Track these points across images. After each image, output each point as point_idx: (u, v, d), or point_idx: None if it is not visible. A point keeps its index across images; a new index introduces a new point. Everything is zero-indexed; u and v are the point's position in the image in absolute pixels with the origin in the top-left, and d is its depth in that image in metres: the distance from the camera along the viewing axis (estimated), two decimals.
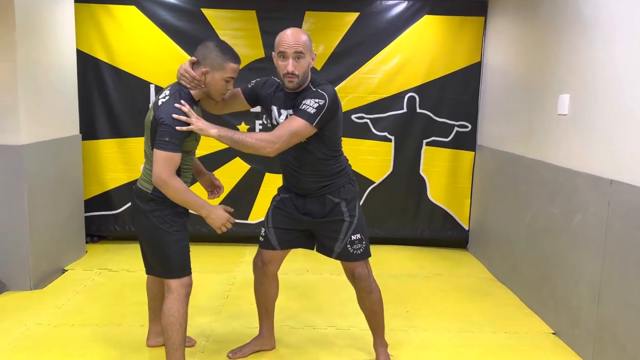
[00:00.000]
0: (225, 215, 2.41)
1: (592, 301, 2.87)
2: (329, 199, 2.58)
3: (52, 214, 3.91)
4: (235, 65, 2.41)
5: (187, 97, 2.41)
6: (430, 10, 4.59)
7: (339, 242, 2.60)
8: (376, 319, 2.77)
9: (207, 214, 2.38)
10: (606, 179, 2.77)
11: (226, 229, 2.43)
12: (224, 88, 2.44)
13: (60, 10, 4.00)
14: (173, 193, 2.32)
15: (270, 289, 2.83)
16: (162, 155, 2.29)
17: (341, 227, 2.58)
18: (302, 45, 2.37)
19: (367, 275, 2.68)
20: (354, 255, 2.62)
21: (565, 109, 3.21)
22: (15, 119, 3.49)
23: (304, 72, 2.42)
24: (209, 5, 4.53)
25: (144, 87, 4.55)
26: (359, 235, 2.60)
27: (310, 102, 2.35)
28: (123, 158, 4.66)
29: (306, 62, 2.41)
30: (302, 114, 2.35)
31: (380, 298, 2.75)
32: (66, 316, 3.30)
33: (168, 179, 2.30)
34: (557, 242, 3.26)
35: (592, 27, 2.97)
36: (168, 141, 2.29)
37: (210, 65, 2.38)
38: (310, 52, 2.42)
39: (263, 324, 2.91)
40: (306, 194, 2.60)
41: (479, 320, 3.43)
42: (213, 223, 2.40)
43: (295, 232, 2.69)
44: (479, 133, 4.74)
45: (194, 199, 2.36)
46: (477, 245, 4.72)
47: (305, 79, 2.46)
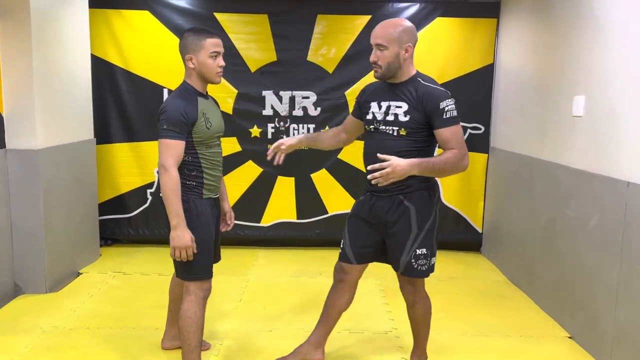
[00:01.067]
0: (189, 242, 2.34)
1: (610, 304, 2.83)
2: (398, 199, 2.49)
3: (67, 217, 3.95)
4: (212, 39, 2.41)
5: (191, 90, 2.44)
6: (443, 12, 4.58)
7: (404, 255, 2.51)
8: (420, 330, 2.72)
9: (176, 226, 2.32)
10: (623, 181, 2.73)
11: (179, 255, 2.34)
12: (215, 65, 2.43)
13: (75, 16, 4.05)
14: (166, 183, 2.30)
15: (342, 297, 2.73)
16: (163, 143, 2.32)
17: (407, 238, 2.49)
18: (383, 38, 2.41)
19: (418, 291, 2.63)
20: (417, 271, 2.52)
21: (581, 110, 3.17)
22: (31, 124, 3.53)
23: (388, 62, 2.42)
24: (222, 9, 4.55)
25: (157, 91, 4.58)
26: (424, 250, 2.50)
27: (448, 107, 2.38)
28: (137, 162, 4.69)
29: (391, 53, 2.41)
30: (452, 121, 2.39)
31: (428, 311, 2.69)
32: (81, 319, 3.33)
33: (169, 167, 2.31)
34: (574, 245, 3.23)
35: (606, 28, 2.94)
36: (166, 129, 2.31)
37: (192, 50, 2.40)
38: (398, 44, 2.40)
39: (317, 330, 2.80)
40: (381, 190, 2.51)
41: (494, 324, 3.40)
42: (173, 240, 2.34)
43: (369, 245, 2.62)
44: (492, 135, 4.71)
45: (177, 203, 2.32)
46: (491, 248, 4.68)
47: (395, 69, 2.44)
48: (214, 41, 2.42)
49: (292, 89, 4.66)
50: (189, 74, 2.46)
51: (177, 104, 2.36)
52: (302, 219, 4.85)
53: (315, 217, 4.84)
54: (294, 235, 4.86)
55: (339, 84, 4.66)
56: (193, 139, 2.40)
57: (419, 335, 2.74)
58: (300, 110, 4.68)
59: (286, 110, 4.68)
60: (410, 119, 2.43)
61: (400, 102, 2.46)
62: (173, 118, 2.32)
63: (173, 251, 2.36)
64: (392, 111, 2.48)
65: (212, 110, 2.51)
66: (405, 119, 2.44)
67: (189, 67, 2.43)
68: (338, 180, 4.79)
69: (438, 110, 2.37)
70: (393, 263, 2.60)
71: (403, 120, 2.44)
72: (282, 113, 4.68)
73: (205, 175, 2.46)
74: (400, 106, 2.46)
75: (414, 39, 2.47)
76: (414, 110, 2.42)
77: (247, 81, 4.63)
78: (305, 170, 4.78)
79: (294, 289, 3.92)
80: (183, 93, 2.43)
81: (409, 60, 2.46)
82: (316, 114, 4.69)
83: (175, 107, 2.34)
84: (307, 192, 4.79)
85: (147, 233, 4.79)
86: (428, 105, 2.39)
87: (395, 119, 2.46)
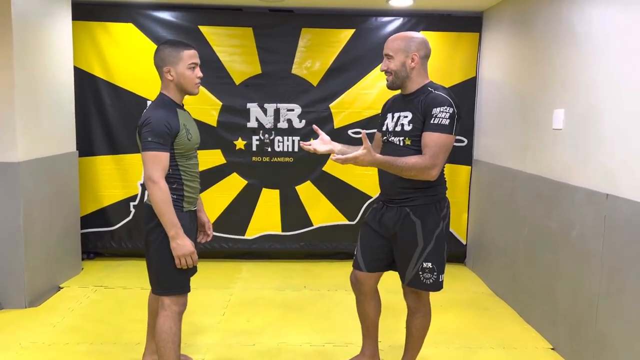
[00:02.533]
0: (191, 248, 2.36)
1: (591, 315, 2.85)
2: (405, 212, 2.51)
3: (48, 230, 3.89)
4: (190, 50, 2.43)
5: (169, 101, 2.43)
6: (426, 26, 4.64)
7: (410, 267, 2.52)
8: (414, 342, 2.71)
9: (174, 236, 2.33)
10: (602, 193, 2.77)
11: (185, 263, 2.36)
12: (193, 77, 2.43)
13: (58, 28, 4.03)
14: (158, 196, 2.29)
15: (368, 306, 2.73)
16: (148, 156, 2.30)
17: (414, 251, 2.50)
18: (390, 48, 2.49)
19: (422, 304, 2.64)
20: (423, 283, 2.52)
21: (560, 123, 3.22)
22: (12, 136, 3.49)
23: (397, 69, 2.47)
24: (206, 22, 4.57)
25: (141, 104, 4.56)
26: (430, 264, 2.50)
27: (440, 114, 2.36)
28: (120, 174, 4.66)
29: (397, 62, 2.47)
30: (438, 127, 2.35)
31: (427, 324, 2.69)
32: (61, 334, 3.27)
33: (158, 179, 2.29)
34: (555, 256, 3.26)
35: (585, 43, 3.00)
36: (151, 141, 2.29)
37: (169, 62, 2.40)
38: (404, 53, 2.46)
39: (364, 343, 2.81)
40: (390, 200, 2.55)
41: (477, 335, 3.41)
42: (175, 249, 2.34)
43: (381, 254, 2.63)
44: (475, 148, 4.75)
45: (171, 214, 2.32)
46: (475, 259, 4.70)
47: (403, 78, 2.48)
48: (192, 52, 2.43)
49: (277, 102, 4.67)
50: (167, 86, 2.45)
51: (159, 115, 2.34)
52: (287, 231, 4.84)
53: (300, 229, 4.84)
54: (279, 247, 4.85)
55: (324, 97, 4.69)
56: (175, 151, 2.39)
57: (412, 348, 2.72)
58: (285, 123, 4.69)
59: (271, 122, 4.68)
60: (412, 128, 2.45)
61: (407, 112, 2.49)
62: (157, 129, 2.30)
63: (178, 260, 2.35)
64: (400, 121, 2.51)
65: (190, 122, 2.52)
66: (408, 127, 2.46)
67: (167, 79, 2.42)
68: (323, 193, 4.80)
69: (430, 114, 2.38)
70: (400, 274, 2.62)
71: (407, 130, 2.46)
72: (266, 125, 4.69)
73: (185, 187, 2.45)
74: (406, 116, 2.48)
75: (423, 50, 2.50)
76: (417, 119, 2.43)
77: (231, 94, 4.64)
78: (290, 182, 4.78)
79: (278, 302, 3.89)
80: (162, 104, 2.42)
81: (418, 70, 2.48)
82: (301, 126, 4.70)
83: (158, 118, 2.33)
84: (292, 205, 4.79)
85: (130, 246, 4.74)
86: (425, 110, 2.41)
87: (401, 129, 2.49)
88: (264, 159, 4.73)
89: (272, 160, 4.74)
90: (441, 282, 2.57)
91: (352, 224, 4.83)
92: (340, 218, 4.83)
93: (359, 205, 4.82)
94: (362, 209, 4.81)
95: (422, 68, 2.51)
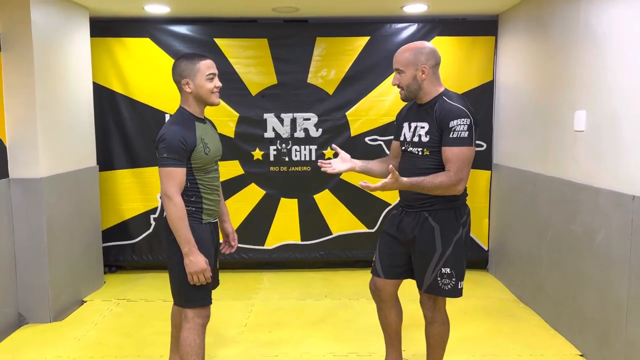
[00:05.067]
0: (204, 266, 2.35)
1: (620, 321, 2.79)
2: (424, 217, 2.50)
3: (71, 245, 3.94)
4: (206, 61, 2.44)
5: (188, 115, 2.44)
6: (441, 31, 4.62)
7: (429, 273, 2.49)
8: (434, 352, 2.66)
9: (188, 253, 2.33)
10: (628, 195, 2.71)
11: (198, 280, 2.35)
12: (212, 87, 2.44)
13: (77, 45, 4.10)
14: (172, 212, 2.30)
15: (389, 314, 2.71)
16: (164, 172, 2.32)
17: (432, 256, 2.48)
18: (400, 62, 2.49)
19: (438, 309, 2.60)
20: (440, 289, 2.49)
21: (582, 125, 3.17)
22: (34, 153, 3.55)
23: (409, 83, 2.48)
24: (222, 34, 4.60)
25: (159, 117, 4.60)
26: (449, 270, 2.47)
27: (459, 127, 2.35)
28: (140, 187, 4.70)
29: (408, 75, 2.47)
30: (459, 141, 2.35)
31: (446, 332, 2.64)
32: (85, 348, 3.30)
33: (173, 195, 2.31)
34: (581, 260, 3.19)
35: (605, 43, 2.95)
36: (166, 157, 2.31)
37: (187, 75, 2.41)
38: (413, 66, 2.45)
39: (388, 352, 2.79)
40: (408, 205, 2.55)
41: (503, 343, 3.35)
42: (187, 266, 2.34)
43: (399, 261, 2.61)
44: (494, 152, 4.70)
45: (185, 230, 2.33)
46: (498, 265, 4.64)
47: (416, 90, 2.48)
48: (208, 63, 2.44)
49: (293, 111, 4.68)
50: (186, 99, 2.46)
51: (175, 131, 2.35)
52: (306, 240, 4.83)
53: (320, 238, 4.82)
54: (299, 257, 4.84)
55: (340, 105, 4.69)
56: (192, 165, 2.39)
57: (433, 358, 2.68)
58: (301, 132, 4.70)
59: (288, 132, 4.69)
60: (430, 139, 2.44)
61: (424, 123, 2.48)
62: (172, 145, 2.31)
63: (190, 277, 2.36)
64: (418, 132, 2.50)
65: (210, 135, 2.51)
66: (426, 139, 2.46)
67: (186, 91, 2.44)
68: (341, 201, 4.78)
69: (447, 128, 2.37)
70: (417, 281, 2.59)
71: (425, 141, 2.46)
72: (283, 135, 4.70)
73: (204, 200, 2.46)
74: (423, 127, 2.48)
75: (433, 59, 2.48)
76: (434, 130, 2.43)
77: (248, 105, 4.66)
78: (308, 191, 4.78)
79: (300, 312, 3.88)
80: (180, 119, 2.43)
81: (429, 80, 2.47)
82: (317, 135, 4.70)
83: (173, 134, 2.34)
84: (311, 214, 4.78)
85: (151, 259, 4.77)
86: (442, 122, 2.40)
87: (419, 140, 2.49)
88: (281, 169, 4.74)
89: (289, 169, 4.75)
90: (460, 289, 2.53)
91: (371, 232, 4.80)
92: (360, 226, 4.80)
93: (378, 212, 4.79)
94: (381, 216, 4.78)
95: (434, 77, 2.50)
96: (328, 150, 4.70)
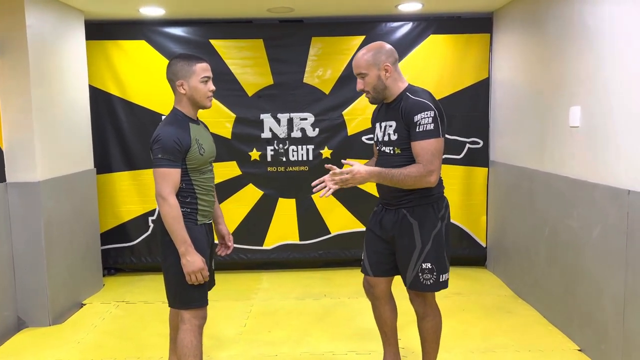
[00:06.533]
0: (201, 265, 2.35)
1: (618, 315, 2.80)
2: (402, 214, 2.51)
3: (69, 248, 3.94)
4: (202, 64, 2.44)
5: (182, 116, 2.44)
6: (436, 29, 4.63)
7: (410, 269, 2.51)
8: (429, 346, 2.66)
9: (184, 253, 2.33)
10: (624, 189, 2.72)
11: (196, 279, 2.36)
12: (206, 90, 2.44)
13: (72, 48, 4.10)
14: (167, 212, 2.31)
15: (384, 311, 2.72)
16: (158, 173, 2.32)
17: (412, 252, 2.49)
18: (360, 66, 2.47)
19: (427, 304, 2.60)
20: (423, 285, 2.51)
21: (577, 121, 3.18)
22: (31, 157, 3.55)
23: (374, 86, 2.48)
24: (217, 35, 4.61)
25: (156, 119, 4.60)
26: (429, 265, 2.48)
27: (423, 120, 2.35)
28: (137, 190, 4.70)
29: (372, 77, 2.46)
30: (425, 134, 2.35)
31: (438, 326, 2.64)
32: (85, 351, 3.30)
33: (167, 196, 2.31)
34: (578, 255, 3.20)
35: (599, 39, 2.96)
36: (161, 157, 2.31)
37: (182, 75, 2.41)
38: (375, 67, 2.45)
39: (385, 350, 2.80)
40: (387, 203, 2.57)
41: (502, 339, 3.36)
42: (185, 266, 2.34)
43: (385, 258, 2.62)
44: (491, 149, 4.71)
45: (181, 230, 2.33)
46: (496, 262, 4.65)
47: (382, 90, 2.48)
48: (204, 66, 2.44)
49: (290, 111, 4.69)
50: (179, 100, 2.46)
51: (169, 132, 2.35)
52: (305, 240, 4.83)
53: (318, 237, 4.83)
54: (298, 257, 4.85)
55: (336, 105, 4.69)
56: (187, 166, 2.39)
57: (428, 352, 2.70)
58: (298, 132, 4.70)
59: (285, 132, 4.70)
60: (398, 137, 2.46)
61: (392, 122, 2.49)
62: (167, 146, 2.32)
63: (188, 277, 2.36)
64: (387, 131, 2.52)
65: (204, 136, 2.51)
66: (394, 137, 2.47)
67: (180, 92, 2.43)
68: (339, 200, 4.79)
69: (413, 123, 2.38)
70: (402, 277, 2.60)
71: (394, 139, 2.48)
72: (280, 135, 4.70)
73: (199, 201, 2.46)
74: (391, 125, 2.49)
75: (392, 57, 2.48)
76: (401, 127, 2.44)
77: (244, 105, 4.66)
78: (306, 191, 4.77)
79: (299, 312, 3.89)
80: (174, 120, 2.43)
81: (393, 77, 2.48)
82: (314, 135, 4.71)
83: (168, 134, 2.34)
84: (309, 213, 4.79)
85: (150, 261, 4.77)
86: (407, 118, 2.41)
87: (389, 139, 2.50)
88: (279, 169, 4.75)
89: (287, 169, 4.75)
90: (443, 281, 2.54)
91: None
92: (358, 225, 4.81)
93: None
94: None
95: (396, 73, 2.50)
96: (325, 150, 4.71)
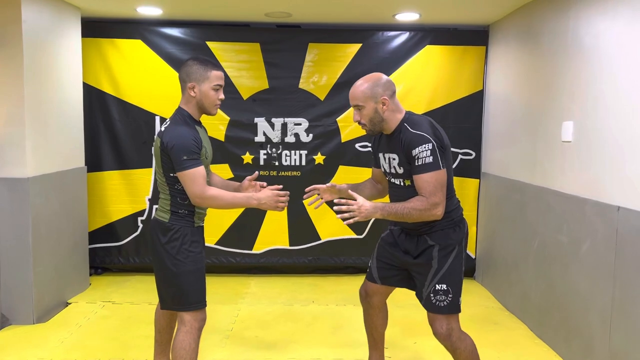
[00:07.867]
0: (272, 193, 2.43)
1: (604, 330, 2.81)
2: (423, 240, 2.48)
3: (57, 246, 3.90)
4: (217, 72, 2.44)
5: (189, 117, 2.44)
6: (432, 40, 4.65)
7: (425, 288, 2.48)
8: None
9: (258, 202, 2.41)
10: (613, 205, 2.74)
11: (283, 204, 2.45)
12: (215, 98, 2.45)
13: (68, 45, 4.07)
14: (216, 203, 2.36)
15: (377, 319, 2.74)
16: (188, 175, 2.31)
17: (428, 272, 2.46)
18: (358, 98, 2.45)
19: (446, 334, 2.45)
20: (435, 306, 2.45)
21: (570, 136, 3.21)
22: (22, 152, 3.51)
23: (371, 118, 2.45)
24: (214, 38, 4.60)
25: (149, 119, 4.59)
26: (444, 286, 2.43)
27: (422, 154, 2.32)
28: (128, 190, 4.67)
29: (369, 109, 2.43)
30: (425, 167, 2.32)
31: (471, 349, 2.50)
32: (69, 351, 3.26)
33: (204, 193, 2.33)
34: (566, 270, 3.22)
35: (593, 55, 2.99)
36: (186, 159, 2.31)
37: (195, 79, 2.41)
38: (373, 99, 2.42)
39: (370, 353, 2.82)
40: (407, 231, 2.55)
41: (488, 351, 3.36)
42: (268, 206, 2.42)
43: (396, 270, 2.61)
44: (483, 160, 4.74)
45: (238, 198, 2.41)
46: (485, 274, 4.66)
47: (379, 122, 2.45)
48: (219, 74, 2.44)
49: (284, 116, 4.69)
50: (187, 102, 2.46)
51: (184, 132, 2.36)
52: (295, 245, 4.82)
53: (308, 243, 4.82)
54: (287, 262, 4.83)
55: (331, 111, 4.70)
56: None
57: None
58: (292, 137, 4.70)
59: (278, 137, 4.69)
60: (404, 170, 2.44)
61: (394, 154, 2.47)
62: (188, 146, 2.32)
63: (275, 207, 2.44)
64: (392, 164, 2.50)
65: (206, 139, 2.53)
66: (400, 170, 2.46)
67: (190, 94, 2.43)
68: (330, 207, 4.78)
69: (412, 157, 2.36)
70: (417, 294, 2.58)
71: (400, 172, 2.46)
72: (274, 140, 4.70)
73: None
74: (394, 158, 2.48)
75: (389, 89, 2.46)
76: (403, 160, 2.43)
77: (239, 109, 4.66)
78: (298, 196, 4.76)
79: (287, 317, 3.87)
80: (183, 120, 2.42)
81: (390, 110, 2.45)
82: (308, 140, 4.71)
83: (184, 135, 2.34)
84: (300, 219, 4.78)
85: (138, 261, 4.73)
86: (406, 153, 2.39)
87: (396, 172, 2.49)
88: (271, 173, 4.74)
89: (279, 174, 4.75)
90: (458, 304, 2.48)
91: (360, 237, 4.81)
92: (348, 232, 4.81)
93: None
94: (370, 222, 4.79)
95: (394, 105, 2.46)
96: (318, 156, 4.71)
